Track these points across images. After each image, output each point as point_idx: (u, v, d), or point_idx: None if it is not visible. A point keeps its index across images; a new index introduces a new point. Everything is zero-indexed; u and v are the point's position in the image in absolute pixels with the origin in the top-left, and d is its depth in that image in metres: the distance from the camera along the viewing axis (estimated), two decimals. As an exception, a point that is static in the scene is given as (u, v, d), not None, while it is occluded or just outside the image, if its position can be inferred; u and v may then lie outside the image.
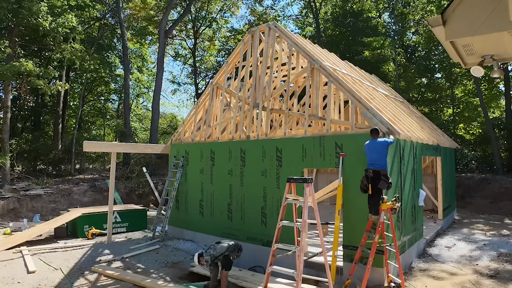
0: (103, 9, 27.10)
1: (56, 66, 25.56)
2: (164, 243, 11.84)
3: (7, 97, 19.65)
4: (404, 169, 9.42)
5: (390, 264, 8.27)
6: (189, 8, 30.31)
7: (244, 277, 8.82)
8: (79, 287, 8.23)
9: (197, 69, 36.49)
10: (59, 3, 19.07)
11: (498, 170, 20.89)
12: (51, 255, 10.54)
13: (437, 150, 13.13)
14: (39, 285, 8.21)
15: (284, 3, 52.73)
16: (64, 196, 17.78)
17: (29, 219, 15.72)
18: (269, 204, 10.18)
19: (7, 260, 10.00)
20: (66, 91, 27.53)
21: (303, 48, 10.57)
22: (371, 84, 13.88)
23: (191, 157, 12.78)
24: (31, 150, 24.42)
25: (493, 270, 9.01)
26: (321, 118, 10.01)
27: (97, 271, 9.14)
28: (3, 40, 17.04)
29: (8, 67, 16.77)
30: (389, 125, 8.55)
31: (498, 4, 3.92)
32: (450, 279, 8.53)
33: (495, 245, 11.02)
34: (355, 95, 9.27)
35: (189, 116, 13.81)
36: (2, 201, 16.01)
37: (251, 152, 10.79)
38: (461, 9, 4.22)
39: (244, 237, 10.68)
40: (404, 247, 9.22)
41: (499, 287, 7.95)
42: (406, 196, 9.51)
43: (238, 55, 12.53)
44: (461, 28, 4.27)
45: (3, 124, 19.46)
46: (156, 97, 26.40)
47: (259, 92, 11.22)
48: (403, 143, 9.32)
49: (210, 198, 11.94)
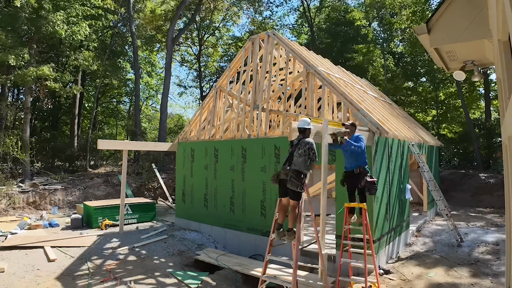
0: (115, 19, 27.05)
1: (72, 71, 25.54)
2: (172, 233, 11.85)
3: (27, 99, 19.67)
4: (392, 165, 9.43)
5: (383, 253, 8.29)
6: (194, 18, 30.30)
7: (245, 264, 8.87)
8: (95, 273, 8.25)
9: (202, 73, 36.48)
10: (74, 13, 19.05)
11: (478, 166, 20.92)
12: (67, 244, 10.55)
13: (422, 148, 13.15)
14: (57, 272, 8.23)
15: (281, 13, 52.75)
16: (80, 190, 17.78)
17: (48, 211, 15.75)
18: (268, 198, 10.20)
19: (28, 249, 10.01)
20: (82, 94, 27.52)
21: (299, 54, 10.57)
22: (362, 87, 13.87)
23: (196, 154, 12.79)
24: (49, 147, 24.43)
25: (473, 258, 9.03)
26: (316, 118, 10.00)
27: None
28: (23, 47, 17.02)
29: (26, 71, 16.78)
30: (378, 125, 8.56)
31: (478, 14, 3.93)
32: (435, 266, 8.55)
33: (476, 235, 11.04)
34: (347, 97, 9.28)
35: (195, 117, 13.81)
36: (23, 194, 16.02)
37: (251, 150, 10.80)
38: (444, 19, 4.23)
39: (245, 228, 10.71)
40: (392, 237, 9.24)
41: (480, 273, 7.96)
42: (394, 190, 9.53)
43: (239, 60, 12.53)
44: (444, 36, 4.29)
45: (24, 124, 19.47)
46: (164, 99, 26.40)
47: (259, 94, 11.23)
48: (391, 142, 9.32)
49: (214, 192, 11.95)
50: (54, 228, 12.73)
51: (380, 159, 8.52)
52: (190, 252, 10.12)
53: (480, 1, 3.90)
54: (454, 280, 7.64)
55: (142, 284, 7.86)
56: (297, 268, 5.62)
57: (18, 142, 17.97)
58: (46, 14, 16.90)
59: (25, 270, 8.22)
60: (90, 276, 8.01)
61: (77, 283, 7.65)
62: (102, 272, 8.33)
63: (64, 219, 13.94)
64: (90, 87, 31.97)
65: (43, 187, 16.90)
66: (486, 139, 21.80)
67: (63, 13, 17.84)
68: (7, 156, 17.52)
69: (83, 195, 17.40)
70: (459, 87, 23.00)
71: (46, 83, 18.78)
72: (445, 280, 7.66)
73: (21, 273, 7.97)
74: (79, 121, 28.67)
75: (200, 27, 34.50)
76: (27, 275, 7.89)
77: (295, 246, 5.75)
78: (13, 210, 15.23)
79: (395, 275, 7.98)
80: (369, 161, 8.14)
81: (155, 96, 38.72)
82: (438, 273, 8.11)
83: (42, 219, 13.70)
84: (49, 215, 14.97)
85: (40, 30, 17.30)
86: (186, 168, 13.19)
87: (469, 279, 7.66)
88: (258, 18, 35.22)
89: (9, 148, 17.35)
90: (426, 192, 13.68)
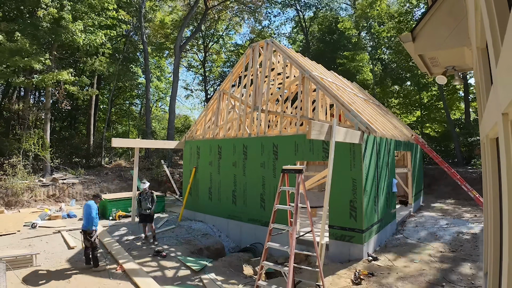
0: (128, 28, 27.00)
1: (88, 75, 25.52)
2: (179, 223, 11.86)
3: (47, 101, 19.67)
4: (380, 161, 9.43)
5: (372, 242, 8.31)
6: (200, 27, 30.26)
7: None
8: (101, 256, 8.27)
9: (207, 78, 36.48)
10: (90, 22, 19.04)
11: (459, 162, 20.94)
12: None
13: (407, 145, 13.15)
14: (74, 257, 8.26)
15: (279, 22, 52.61)
16: (95, 184, 17.78)
17: (66, 203, 15.76)
18: (267, 191, 10.20)
19: (48, 235, 10.04)
20: (97, 96, 27.44)
21: (295, 60, 10.55)
22: (352, 90, 13.86)
23: (202, 151, 12.79)
24: (67, 145, 24.42)
25: (454, 245, 9.04)
26: (311, 119, 10.01)
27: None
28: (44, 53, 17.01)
29: (47, 75, 16.79)
30: (367, 124, 8.56)
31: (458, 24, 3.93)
32: (418, 253, 8.56)
33: (456, 225, 11.04)
34: (339, 99, 9.27)
35: (200, 117, 13.81)
36: (44, 188, 16.02)
37: (251, 147, 10.80)
38: (427, 28, 4.23)
39: (246, 218, 10.72)
40: (380, 226, 9.25)
41: (459, 259, 7.98)
42: (382, 184, 9.53)
43: (241, 66, 12.51)
44: (427, 43, 4.28)
45: (44, 123, 19.47)
46: (172, 102, 26.41)
47: (259, 97, 11.22)
48: (379, 140, 9.32)
49: (217, 186, 11.95)
50: (72, 218, 12.76)
51: (369, 156, 8.52)
52: (196, 241, 10.13)
53: (460, 12, 3.89)
54: (436, 265, 7.65)
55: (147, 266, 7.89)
56: (293, 255, 5.63)
57: (40, 140, 17.99)
58: (66, 24, 16.91)
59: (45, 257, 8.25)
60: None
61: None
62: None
63: (81, 211, 13.94)
64: (104, 90, 31.93)
65: (62, 182, 16.90)
66: (465, 138, 21.82)
67: (81, 22, 17.83)
68: (29, 153, 17.53)
69: (98, 189, 17.40)
70: (441, 90, 23.02)
71: (66, 86, 18.81)
72: (428, 265, 7.67)
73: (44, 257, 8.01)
74: (94, 121, 28.65)
75: (205, 35, 34.55)
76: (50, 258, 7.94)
77: (291, 235, 5.76)
78: (34, 202, 15.25)
79: (382, 261, 7.99)
80: (359, 158, 8.15)
81: (164, 98, 38.71)
82: (422, 259, 8.12)
83: (61, 210, 13.71)
84: (68, 207, 14.99)
85: (60, 38, 17.30)
86: (192, 164, 13.19)
87: (450, 264, 7.67)
88: (258, 27, 35.33)
89: (31, 146, 17.37)
90: (411, 186, 13.69)
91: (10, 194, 14.66)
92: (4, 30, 15.50)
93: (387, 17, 26.05)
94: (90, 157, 24.43)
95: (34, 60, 15.82)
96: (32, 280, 6.85)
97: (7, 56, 15.45)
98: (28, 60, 15.66)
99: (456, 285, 6.60)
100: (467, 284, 6.64)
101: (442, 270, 7.38)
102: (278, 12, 35.29)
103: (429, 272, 7.33)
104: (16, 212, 13.56)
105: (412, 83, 26.02)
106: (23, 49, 15.59)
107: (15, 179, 15.15)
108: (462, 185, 11.78)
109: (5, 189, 14.67)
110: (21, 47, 15.43)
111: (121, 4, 23.23)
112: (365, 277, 7.01)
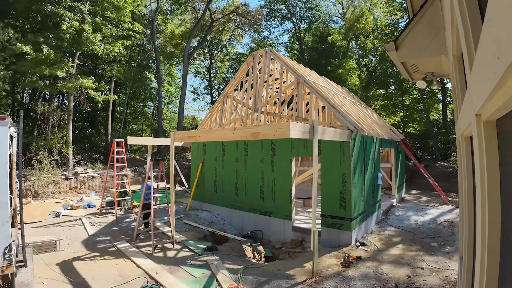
0: (142, 38, 26.94)
1: (106, 80, 25.49)
2: (188, 213, 11.86)
3: (70, 104, 19.68)
4: (367, 157, 9.42)
5: (359, 229, 8.31)
6: (206, 38, 30.21)
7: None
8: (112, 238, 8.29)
9: (212, 82, 36.46)
10: (108, 33, 19.00)
11: (437, 158, 20.92)
12: (102, 220, 10.60)
13: (391, 143, 13.13)
14: (93, 242, 8.27)
15: (277, 33, 52.37)
16: (112, 178, 17.72)
17: (87, 194, 15.77)
18: (265, 183, 10.20)
19: (70, 223, 10.06)
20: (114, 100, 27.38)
21: (291, 67, 10.53)
22: (342, 94, 13.83)
23: (208, 148, 12.78)
24: (88, 142, 24.42)
25: (433, 232, 9.05)
26: (305, 119, 10.00)
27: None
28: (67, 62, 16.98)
29: (71, 81, 16.82)
30: (355, 124, 8.55)
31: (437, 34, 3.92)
32: (400, 237, 8.57)
33: (434, 214, 11.05)
34: (330, 102, 9.26)
35: (206, 118, 13.79)
36: (67, 181, 16.03)
37: (252, 145, 10.79)
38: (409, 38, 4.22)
39: (247, 208, 10.72)
40: (367, 215, 9.26)
41: (438, 245, 7.98)
42: (368, 178, 9.52)
43: (242, 72, 12.49)
44: (409, 52, 4.27)
45: (67, 123, 19.47)
46: (181, 104, 26.40)
47: (258, 99, 11.20)
48: (366, 138, 9.31)
49: (221, 179, 11.95)
50: (91, 208, 12.77)
51: (357, 152, 8.51)
52: (201, 229, 10.13)
53: (438, 24, 3.88)
54: (416, 250, 7.66)
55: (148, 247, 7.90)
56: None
57: (63, 138, 18.00)
58: (87, 35, 16.91)
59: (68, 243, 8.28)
60: (110, 238, 8.05)
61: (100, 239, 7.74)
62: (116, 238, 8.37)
63: (99, 201, 13.96)
64: (121, 93, 31.87)
65: (82, 175, 16.91)
66: (443, 136, 21.81)
67: (100, 34, 17.80)
68: (54, 150, 17.55)
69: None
70: (421, 94, 23.00)
71: (87, 91, 18.84)
72: (409, 250, 7.68)
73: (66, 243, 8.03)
74: (112, 121, 28.60)
75: (211, 45, 34.50)
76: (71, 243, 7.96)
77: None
78: (58, 193, 15.27)
79: (369, 246, 8.00)
80: (348, 154, 8.15)
81: (174, 101, 38.62)
82: (405, 243, 8.13)
83: (82, 201, 13.73)
84: (88, 198, 15.00)
85: (81, 47, 17.28)
86: (199, 160, 13.18)
87: (429, 248, 7.68)
88: (258, 38, 35.35)
89: (55, 144, 17.38)
90: (394, 179, 13.68)
91: (37, 186, 14.68)
92: (31, 41, 15.47)
93: (372, 31, 25.98)
94: (108, 154, 24.43)
95: (58, 69, 15.81)
96: (56, 263, 6.86)
97: (34, 66, 15.45)
98: (53, 68, 15.65)
99: (434, 267, 6.61)
100: (444, 266, 6.65)
101: (422, 254, 7.39)
102: (276, 24, 35.33)
103: (410, 255, 7.34)
104: (42, 203, 13.57)
105: (396, 87, 25.97)
106: (48, 59, 15.57)
107: (41, 173, 15.17)
108: (434, 186, 12.66)
109: (33, 182, 14.69)
110: (47, 57, 15.41)
111: (135, 16, 23.18)
112: (353, 260, 7.02)
